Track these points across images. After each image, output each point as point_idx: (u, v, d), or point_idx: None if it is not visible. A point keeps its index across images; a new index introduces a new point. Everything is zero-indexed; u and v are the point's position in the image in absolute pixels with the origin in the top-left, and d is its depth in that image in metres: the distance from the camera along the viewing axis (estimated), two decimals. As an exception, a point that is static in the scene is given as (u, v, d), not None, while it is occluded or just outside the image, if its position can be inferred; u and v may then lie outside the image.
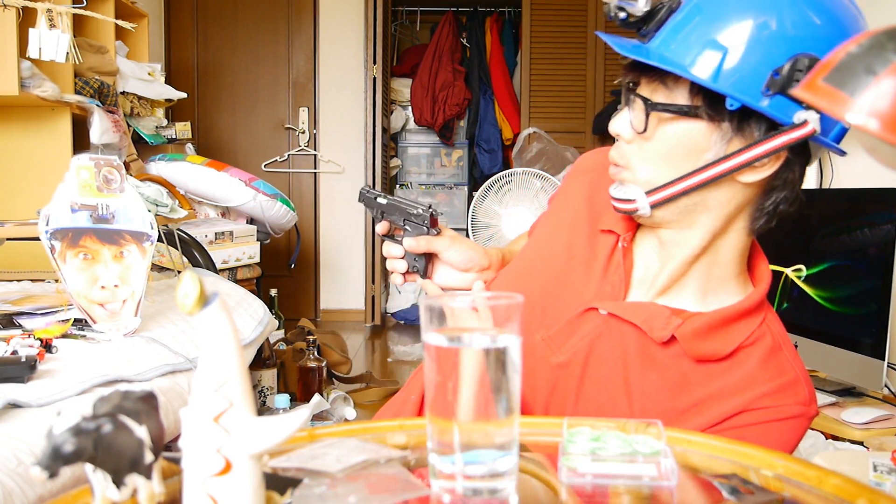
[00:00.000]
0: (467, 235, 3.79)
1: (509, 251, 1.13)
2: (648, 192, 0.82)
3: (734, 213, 0.82)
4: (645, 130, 0.80)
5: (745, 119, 0.77)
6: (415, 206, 1.03)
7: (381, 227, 1.07)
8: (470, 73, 5.11)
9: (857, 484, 0.56)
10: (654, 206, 0.82)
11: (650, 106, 0.79)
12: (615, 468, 0.58)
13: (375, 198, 1.06)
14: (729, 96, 0.74)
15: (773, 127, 0.76)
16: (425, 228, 1.02)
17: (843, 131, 0.79)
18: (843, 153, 0.80)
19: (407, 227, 1.03)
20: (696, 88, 0.77)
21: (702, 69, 0.75)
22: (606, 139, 4.85)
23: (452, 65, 5.00)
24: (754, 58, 0.74)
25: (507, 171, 3.70)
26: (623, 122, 0.84)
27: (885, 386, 1.68)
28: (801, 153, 0.79)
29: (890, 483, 1.15)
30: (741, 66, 0.74)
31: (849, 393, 1.85)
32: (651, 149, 0.81)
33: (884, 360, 1.62)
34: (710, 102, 0.76)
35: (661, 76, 0.79)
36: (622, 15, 0.80)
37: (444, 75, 4.95)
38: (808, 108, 0.73)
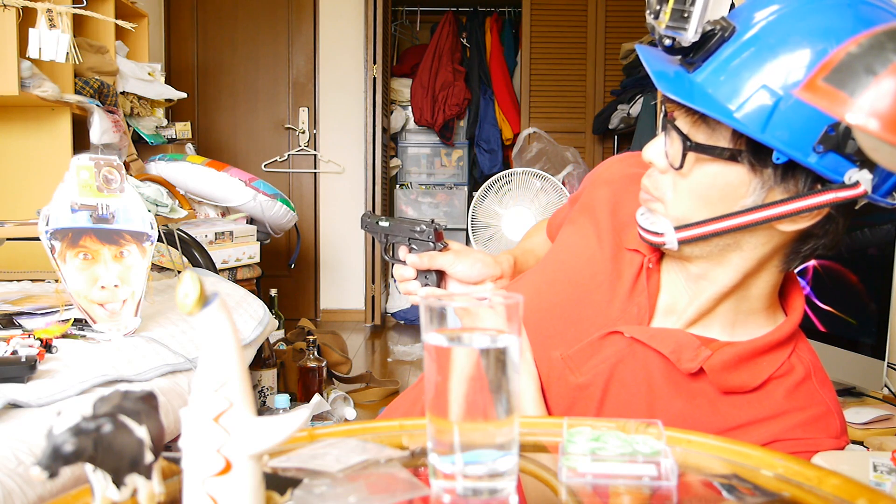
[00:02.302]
0: (467, 235, 3.78)
1: (521, 252, 1.10)
2: (678, 228, 0.78)
3: (769, 255, 0.79)
4: (681, 167, 0.75)
5: (789, 169, 0.71)
6: (417, 222, 1.00)
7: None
8: (470, 73, 5.11)
9: (857, 484, 0.56)
10: (682, 242, 0.78)
11: (689, 146, 0.74)
12: (615, 468, 0.58)
13: (377, 222, 1.04)
14: (776, 150, 0.69)
15: (818, 179, 0.71)
16: (431, 244, 0.99)
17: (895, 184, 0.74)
18: (893, 206, 0.74)
19: (413, 246, 1.01)
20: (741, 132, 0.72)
21: (750, 116, 0.69)
22: (606, 139, 4.86)
23: (452, 65, 5.00)
24: (808, 110, 0.68)
25: (507, 171, 3.70)
26: (657, 151, 0.79)
27: (885, 386, 1.68)
28: (846, 207, 0.74)
29: (890, 483, 1.15)
30: (794, 117, 0.68)
31: (849, 393, 1.85)
32: (686, 186, 0.77)
33: (884, 360, 1.62)
34: (753, 149, 0.71)
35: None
36: (668, 42, 0.72)
37: (444, 75, 4.96)
38: (862, 166, 0.68)
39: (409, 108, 5.08)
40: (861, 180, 0.69)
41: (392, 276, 4.96)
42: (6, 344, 1.28)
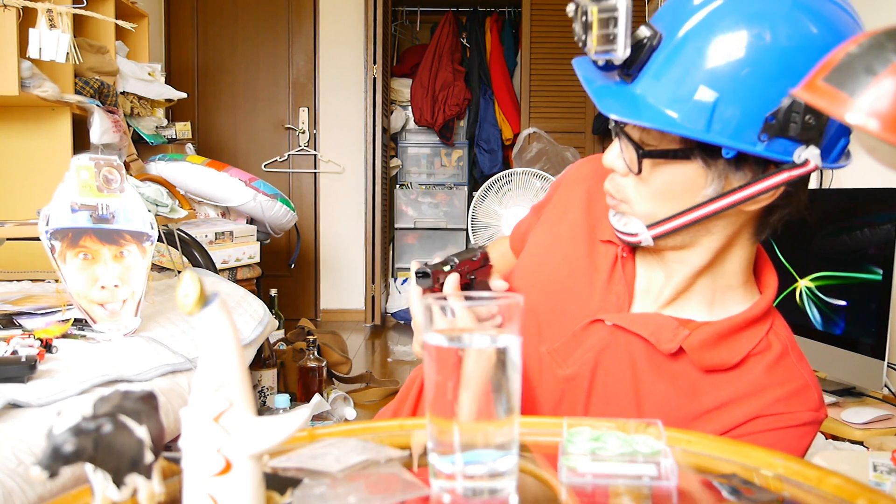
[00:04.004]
0: (467, 235, 3.78)
1: None
2: (650, 226, 0.81)
3: (738, 231, 0.82)
4: (639, 172, 0.79)
5: (741, 157, 0.75)
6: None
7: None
8: (470, 73, 5.11)
9: (857, 484, 0.56)
10: (656, 238, 0.82)
11: (642, 154, 0.77)
12: (615, 468, 0.58)
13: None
14: (724, 147, 0.73)
15: (770, 160, 0.74)
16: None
17: (844, 148, 0.77)
18: (843, 167, 0.78)
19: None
20: None
21: (692, 118, 0.73)
22: (606, 139, 4.86)
23: (452, 65, 5.00)
24: (747, 102, 0.72)
25: (507, 171, 3.70)
26: (615, 156, 0.82)
27: (885, 386, 1.68)
28: (802, 180, 0.77)
29: (890, 483, 1.15)
30: (734, 111, 0.72)
31: (849, 393, 1.85)
32: (647, 188, 0.80)
33: (884, 360, 1.62)
34: (703, 145, 0.74)
35: None
36: (602, 63, 0.76)
37: (444, 75, 4.95)
38: (807, 144, 0.72)
39: (409, 108, 5.07)
40: (810, 157, 0.72)
41: (393, 276, 4.96)
42: (6, 344, 1.28)
